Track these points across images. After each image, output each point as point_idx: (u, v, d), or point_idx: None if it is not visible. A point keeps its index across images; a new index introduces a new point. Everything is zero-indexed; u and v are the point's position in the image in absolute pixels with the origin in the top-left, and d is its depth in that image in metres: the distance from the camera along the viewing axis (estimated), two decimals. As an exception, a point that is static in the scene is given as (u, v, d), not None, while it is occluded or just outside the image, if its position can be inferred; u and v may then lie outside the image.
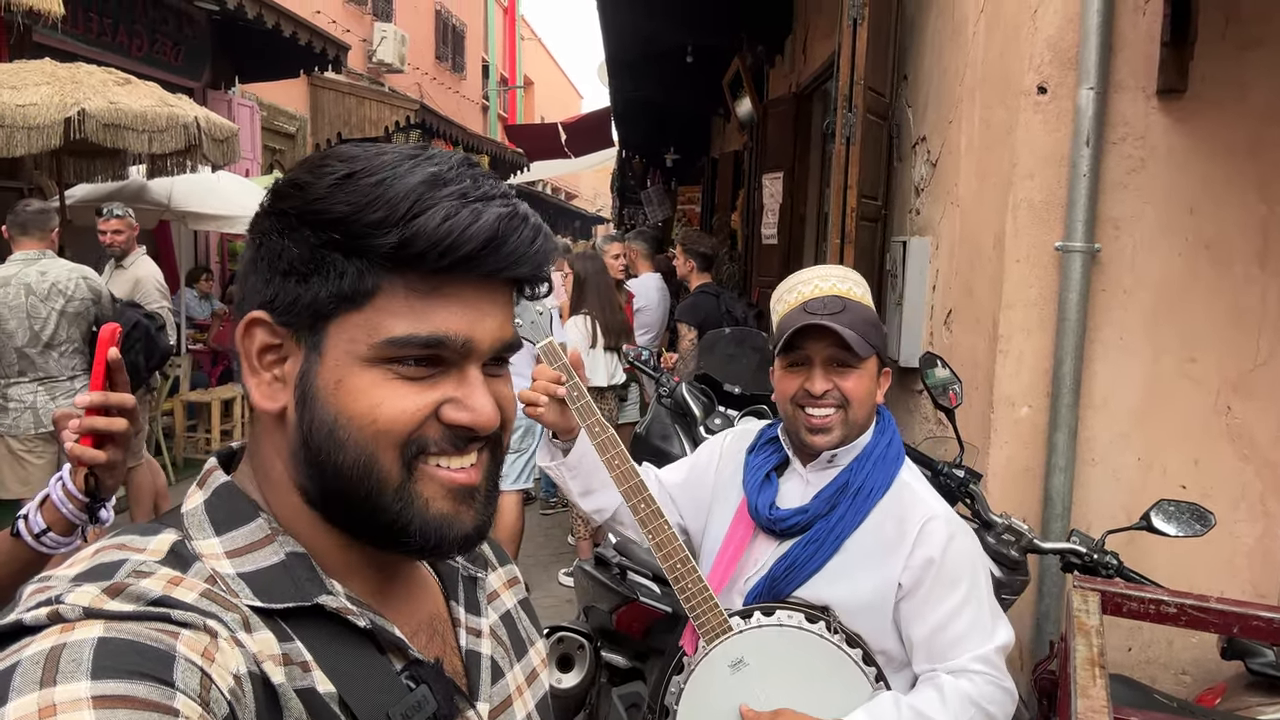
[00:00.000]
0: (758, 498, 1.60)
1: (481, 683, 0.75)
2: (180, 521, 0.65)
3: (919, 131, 3.60)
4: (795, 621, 1.47)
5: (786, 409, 1.61)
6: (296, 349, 0.65)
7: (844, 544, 1.53)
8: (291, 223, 0.63)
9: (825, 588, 1.52)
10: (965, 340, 2.96)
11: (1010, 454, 2.67)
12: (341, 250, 0.62)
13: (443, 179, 0.62)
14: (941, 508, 1.56)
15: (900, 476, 1.59)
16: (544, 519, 5.83)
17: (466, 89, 20.19)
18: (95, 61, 5.54)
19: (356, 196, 0.61)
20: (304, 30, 8.88)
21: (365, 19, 14.45)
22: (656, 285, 5.56)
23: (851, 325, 1.53)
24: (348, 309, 0.63)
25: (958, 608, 1.47)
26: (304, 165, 0.66)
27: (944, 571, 1.48)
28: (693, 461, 1.83)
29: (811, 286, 1.62)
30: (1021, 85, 2.57)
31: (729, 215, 8.63)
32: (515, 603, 0.88)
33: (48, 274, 3.96)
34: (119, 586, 0.56)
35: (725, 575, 1.60)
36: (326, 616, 0.64)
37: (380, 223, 0.60)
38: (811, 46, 5.86)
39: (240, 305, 0.67)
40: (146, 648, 0.53)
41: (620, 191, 13.95)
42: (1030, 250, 2.60)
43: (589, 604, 2.38)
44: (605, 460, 1.54)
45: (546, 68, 30.40)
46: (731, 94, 7.74)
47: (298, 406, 0.65)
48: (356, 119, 12.61)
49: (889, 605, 1.50)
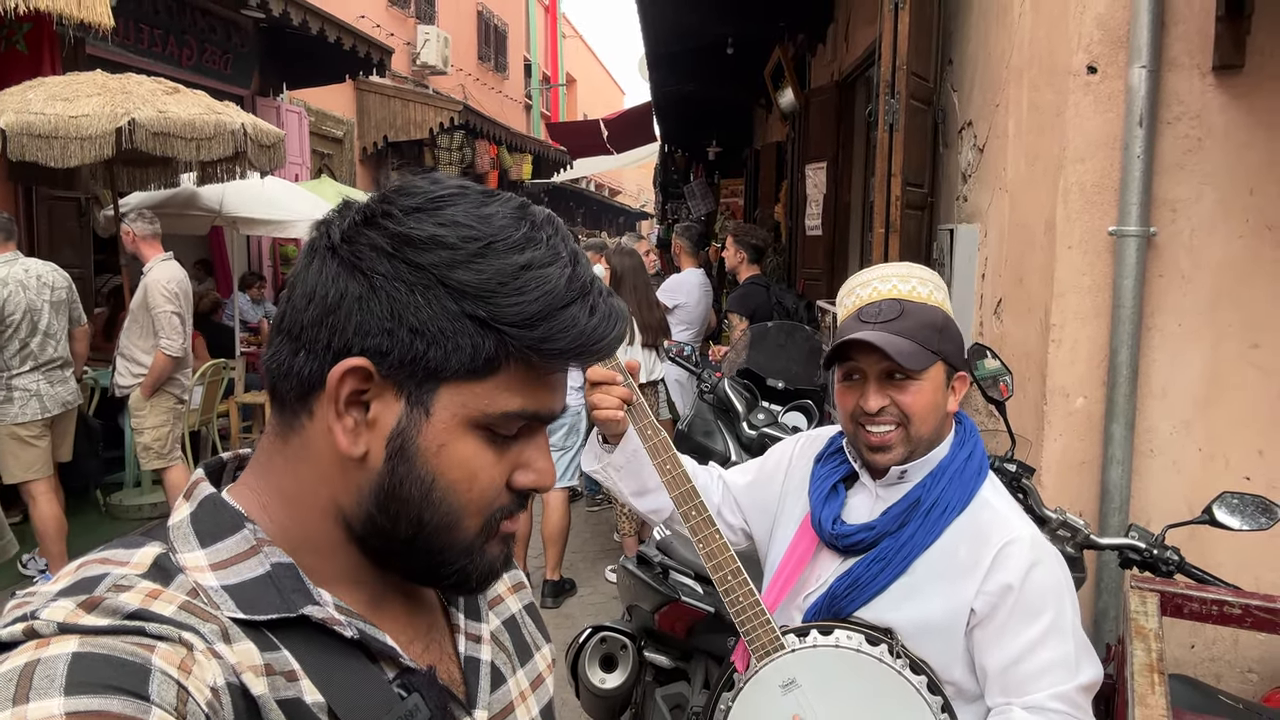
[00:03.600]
0: (822, 511, 1.51)
1: (480, 690, 0.74)
2: (166, 535, 0.65)
3: (965, 116, 3.52)
4: (854, 643, 1.38)
5: (846, 426, 1.52)
6: (394, 400, 0.64)
7: (912, 564, 1.42)
8: (428, 280, 0.62)
9: (889, 610, 1.42)
10: (1016, 330, 2.88)
11: (1065, 446, 2.59)
12: (480, 324, 0.62)
13: (578, 280, 0.64)
14: (1027, 530, 1.43)
15: (981, 494, 1.46)
16: (590, 515, 5.84)
17: (509, 88, 20.31)
18: (146, 72, 5.66)
19: (504, 278, 0.62)
20: (348, 35, 8.99)
21: (408, 22, 14.60)
22: (698, 281, 5.52)
23: (907, 333, 1.41)
24: (469, 379, 0.63)
25: (1038, 639, 1.35)
26: (420, 206, 0.64)
27: (1024, 600, 1.36)
28: (760, 464, 1.74)
29: (870, 289, 1.50)
30: (1070, 66, 2.49)
31: (772, 207, 8.55)
32: (520, 607, 0.86)
33: (31, 270, 4.33)
34: (95, 600, 0.56)
35: (784, 590, 1.52)
36: (314, 627, 0.63)
37: (532, 318, 0.62)
38: (854, 33, 5.77)
39: (330, 336, 0.63)
40: (122, 662, 0.53)
41: (663, 186, 13.91)
42: (1083, 235, 2.52)
43: (632, 603, 2.36)
44: (657, 465, 1.48)
45: (588, 65, 30.46)
46: (773, 84, 7.66)
47: (390, 459, 0.64)
48: (402, 121, 12.75)
49: (959, 632, 1.39)
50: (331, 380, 0.63)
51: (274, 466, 0.68)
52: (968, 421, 1.58)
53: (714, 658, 2.14)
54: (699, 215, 11.18)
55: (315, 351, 0.64)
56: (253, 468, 0.70)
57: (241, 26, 9.04)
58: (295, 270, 0.67)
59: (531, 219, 0.65)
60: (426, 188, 0.65)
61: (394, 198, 0.65)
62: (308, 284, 0.64)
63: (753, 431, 3.10)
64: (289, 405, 0.66)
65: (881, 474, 1.51)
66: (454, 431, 0.65)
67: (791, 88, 7.13)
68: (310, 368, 0.64)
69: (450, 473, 0.65)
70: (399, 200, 0.64)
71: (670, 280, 5.54)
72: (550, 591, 4.46)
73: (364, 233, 0.63)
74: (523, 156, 15.86)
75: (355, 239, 0.63)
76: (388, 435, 0.64)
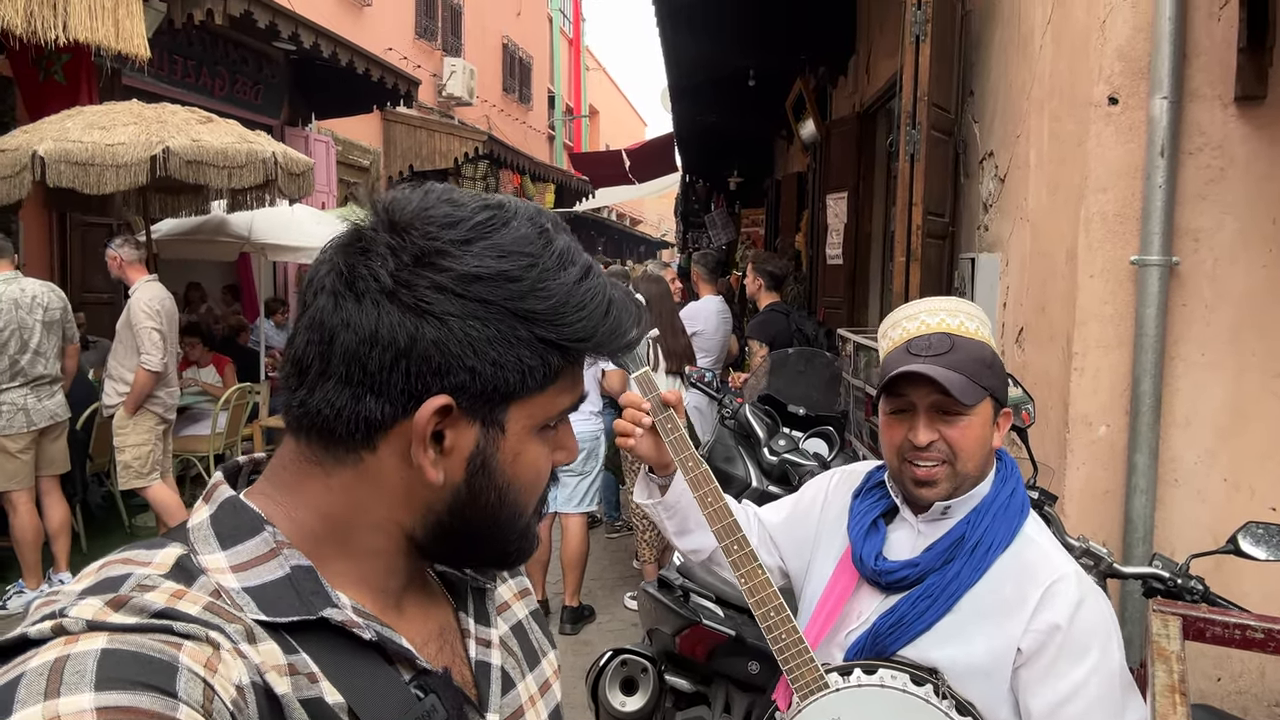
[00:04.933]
0: (863, 547, 1.48)
1: (492, 693, 0.75)
2: (186, 536, 0.65)
3: (986, 147, 3.54)
4: (899, 683, 1.35)
5: (891, 460, 1.49)
6: (467, 426, 0.66)
7: (958, 602, 1.39)
8: (500, 313, 0.64)
9: (934, 648, 1.39)
10: (1038, 358, 2.88)
11: (1088, 475, 2.58)
12: (549, 345, 0.66)
13: (604, 280, 0.69)
14: (1071, 567, 1.42)
15: (1024, 531, 1.44)
16: (609, 542, 5.83)
17: (533, 119, 20.57)
18: (180, 101, 5.79)
19: (565, 298, 0.66)
20: (376, 67, 9.16)
21: (435, 54, 14.85)
22: (716, 308, 5.54)
23: (959, 367, 1.39)
24: (534, 392, 0.68)
25: (1084, 680, 1.33)
26: (468, 237, 0.65)
27: (1071, 639, 1.34)
28: (795, 501, 1.72)
29: (917, 323, 1.49)
30: (1091, 96, 2.51)
31: (793, 236, 8.59)
32: (527, 614, 0.88)
33: (26, 290, 4.50)
34: (122, 599, 0.57)
35: (825, 627, 1.49)
36: (332, 629, 0.64)
37: (592, 331, 0.67)
38: (875, 65, 5.83)
39: (405, 380, 0.64)
40: (150, 659, 0.53)
41: (684, 216, 13.99)
42: (1105, 265, 2.53)
43: (653, 627, 2.37)
44: (698, 497, 1.46)
45: (611, 96, 30.81)
46: (794, 116, 7.73)
47: (470, 477, 0.67)
48: (427, 151, 12.93)
49: (1005, 672, 1.37)
50: (420, 422, 0.64)
51: (310, 489, 0.68)
52: (1008, 458, 1.56)
53: (735, 682, 2.13)
54: (720, 244, 11.24)
55: (387, 395, 0.64)
56: (276, 484, 0.70)
57: (272, 58, 9.24)
58: (319, 310, 0.65)
59: (546, 230, 0.68)
60: (461, 214, 0.66)
61: (434, 231, 0.65)
62: (362, 329, 0.63)
63: (774, 457, 3.10)
64: (340, 442, 0.66)
65: (924, 509, 1.49)
66: (525, 440, 0.69)
67: (813, 119, 7.19)
68: (382, 411, 0.64)
69: (523, 475, 0.70)
70: (442, 234, 0.64)
71: (688, 307, 5.57)
72: (569, 617, 4.45)
73: (422, 274, 0.63)
74: (545, 186, 16.03)
75: (414, 282, 0.63)
76: (467, 458, 0.67)
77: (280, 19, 7.39)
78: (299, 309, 0.68)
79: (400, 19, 13.74)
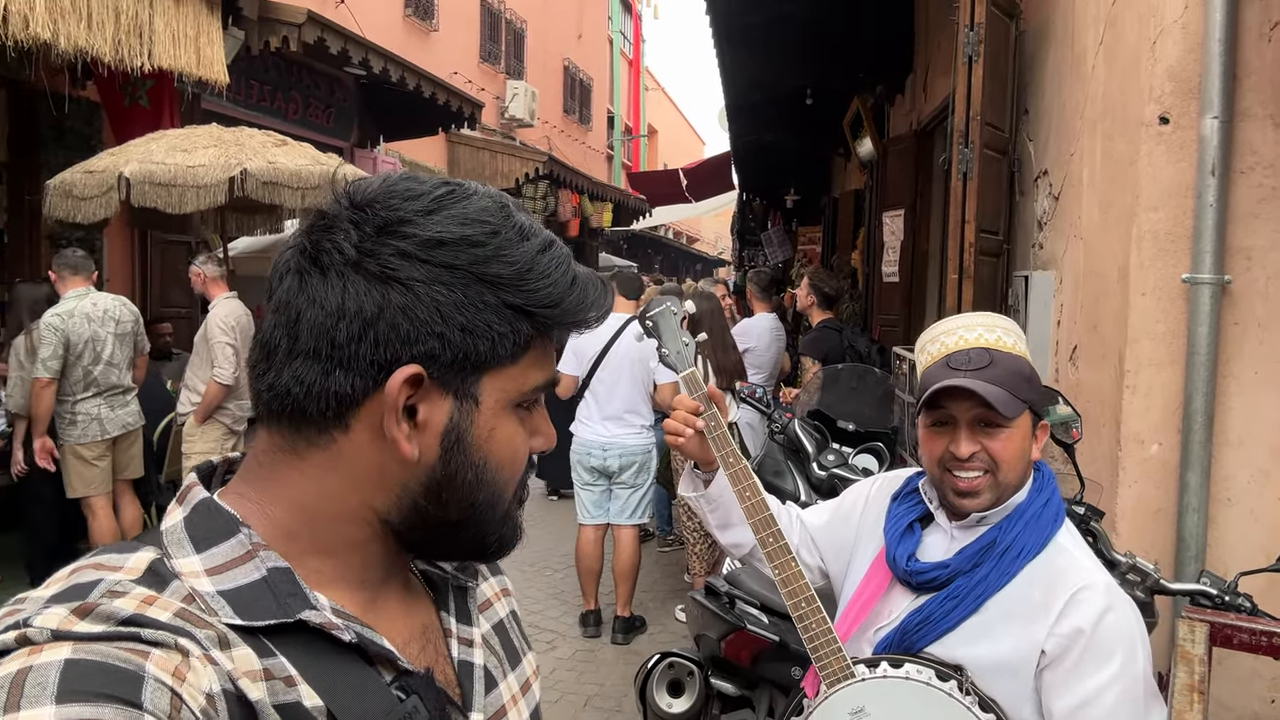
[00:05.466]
0: (897, 548, 1.53)
1: (475, 693, 0.74)
2: (160, 539, 0.64)
3: (1041, 165, 3.55)
4: (925, 677, 1.39)
5: (933, 470, 1.53)
6: (440, 399, 0.66)
7: (985, 604, 1.44)
8: (466, 278, 0.64)
9: (960, 647, 1.44)
10: (1091, 376, 2.88)
11: (1140, 493, 2.57)
12: (517, 311, 0.66)
13: (569, 254, 0.70)
14: (1101, 577, 1.44)
15: (1056, 539, 1.48)
16: (661, 556, 5.88)
17: (592, 139, 20.86)
18: (256, 125, 6.06)
19: (529, 264, 0.66)
20: (442, 90, 9.42)
21: (498, 77, 15.20)
22: (769, 325, 5.59)
23: (1000, 381, 1.43)
24: (507, 363, 0.67)
25: (1107, 684, 1.36)
26: (431, 208, 0.65)
27: (1095, 645, 1.37)
28: (837, 504, 1.77)
29: (956, 337, 1.52)
30: (1142, 116, 2.53)
31: (850, 254, 8.59)
32: (508, 613, 0.87)
33: (99, 304, 4.71)
34: (88, 607, 0.55)
35: (856, 622, 1.54)
36: (311, 631, 0.63)
37: (557, 298, 0.67)
38: (932, 84, 5.84)
39: (374, 350, 0.63)
40: (114, 669, 0.52)
41: (740, 234, 14.05)
42: (1157, 283, 2.53)
43: (700, 633, 2.42)
44: (737, 492, 1.52)
45: (670, 115, 31.03)
46: (852, 134, 7.76)
47: (445, 453, 0.66)
48: (489, 171, 13.20)
49: (1029, 672, 1.41)
50: (391, 392, 0.63)
51: (284, 479, 0.67)
52: (1046, 469, 1.59)
53: (779, 687, 2.18)
54: (776, 262, 11.27)
55: (356, 368, 0.63)
56: (249, 480, 0.69)
57: (344, 83, 9.58)
58: (286, 290, 0.65)
59: (506, 205, 0.68)
60: (422, 189, 0.67)
61: (397, 203, 0.65)
62: (328, 302, 0.63)
63: (823, 472, 3.14)
64: (312, 423, 0.65)
65: (961, 517, 1.53)
66: (499, 415, 0.68)
67: (870, 136, 7.21)
68: (352, 384, 0.64)
69: (499, 453, 0.69)
70: (405, 205, 0.65)
71: (741, 324, 5.63)
72: (620, 628, 4.52)
73: (386, 243, 0.64)
74: (604, 205, 16.23)
75: (378, 251, 0.64)
76: (442, 432, 0.66)
77: (351, 45, 7.68)
78: (266, 296, 0.67)
79: (466, 43, 14.12)
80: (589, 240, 18.17)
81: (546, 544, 6.14)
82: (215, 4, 5.62)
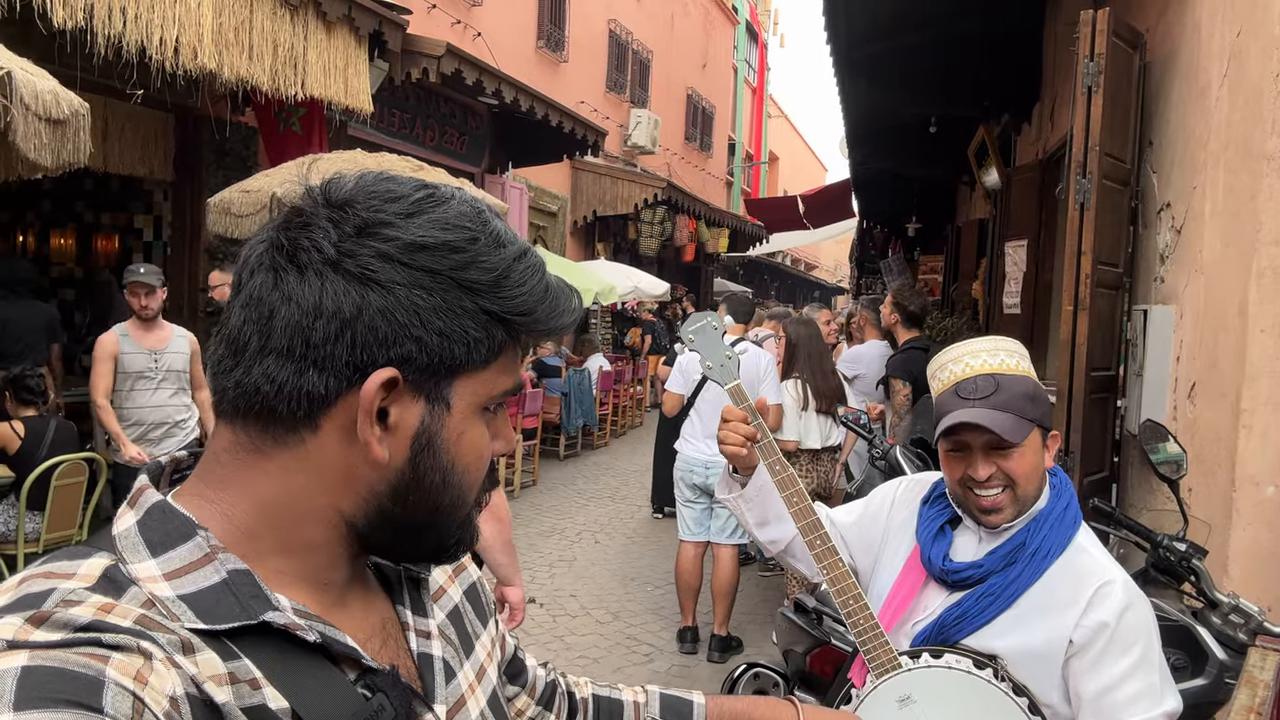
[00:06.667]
0: (931, 549, 1.64)
1: (436, 685, 0.74)
2: (112, 544, 0.62)
3: (1164, 198, 3.47)
4: (964, 665, 1.51)
5: (955, 491, 1.63)
6: (411, 402, 0.65)
7: (1017, 600, 1.55)
8: (445, 283, 0.64)
9: (994, 639, 1.55)
10: (1207, 414, 2.80)
11: (1254, 537, 2.49)
12: (492, 317, 0.66)
13: (542, 262, 0.71)
14: (1119, 574, 1.55)
15: (1076, 540, 1.59)
16: (761, 580, 5.90)
17: (712, 166, 21.07)
18: (396, 151, 6.45)
19: (506, 271, 0.67)
20: (569, 119, 9.78)
21: (623, 105, 15.60)
22: (879, 353, 5.56)
23: (1006, 406, 1.54)
24: (479, 368, 0.67)
25: (1129, 671, 1.47)
26: (411, 211, 0.65)
27: (1118, 636, 1.48)
28: (865, 504, 1.88)
29: (962, 365, 1.63)
30: (1265, 150, 2.47)
31: (971, 284, 8.41)
32: (461, 595, 0.86)
33: None
34: (44, 615, 0.54)
35: (894, 618, 1.65)
36: (275, 633, 0.62)
37: (532, 305, 0.68)
38: (1058, 113, 5.72)
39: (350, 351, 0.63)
40: (74, 674, 0.51)
41: (859, 261, 13.92)
42: (1276, 320, 2.46)
43: (787, 647, 2.48)
44: (784, 498, 1.61)
45: (791, 142, 30.99)
46: (977, 162, 7.63)
47: (414, 456, 0.66)
48: (610, 197, 13.56)
49: (1058, 659, 1.51)
50: (366, 395, 0.63)
51: (247, 479, 0.66)
52: (1062, 474, 1.68)
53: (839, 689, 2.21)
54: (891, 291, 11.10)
55: (331, 368, 0.63)
56: (208, 480, 0.67)
57: (477, 111, 10.06)
58: (258, 286, 0.64)
59: (483, 212, 0.69)
60: (402, 191, 0.67)
61: (377, 205, 0.65)
62: (305, 300, 0.62)
63: (923, 500, 3.14)
64: (280, 422, 0.64)
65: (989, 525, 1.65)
66: (469, 419, 0.68)
67: (995, 165, 7.08)
68: (325, 384, 0.63)
69: (466, 456, 0.69)
70: (386, 207, 0.65)
71: (850, 351, 5.61)
72: (717, 646, 4.58)
73: (366, 244, 0.63)
74: (720, 231, 16.37)
75: (358, 252, 0.63)
76: (412, 435, 0.66)
77: (486, 76, 8.08)
78: (232, 291, 0.67)
79: (593, 73, 14.59)
80: (704, 265, 18.30)
81: (649, 559, 6.26)
82: (363, 38, 6.05)
